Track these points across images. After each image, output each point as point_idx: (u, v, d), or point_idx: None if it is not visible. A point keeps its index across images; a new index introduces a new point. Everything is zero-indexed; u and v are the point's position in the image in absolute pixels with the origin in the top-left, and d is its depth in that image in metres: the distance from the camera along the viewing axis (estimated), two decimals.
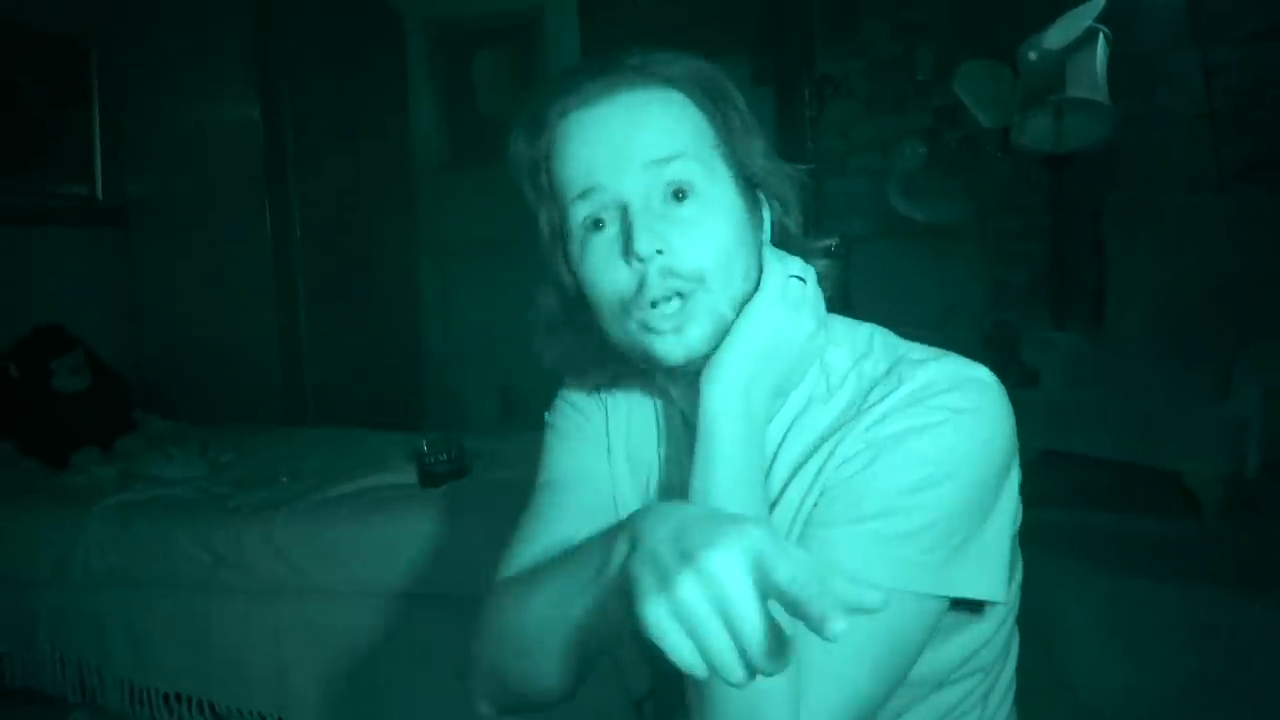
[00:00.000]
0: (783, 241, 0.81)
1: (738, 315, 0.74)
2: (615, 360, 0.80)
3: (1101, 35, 3.29)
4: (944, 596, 0.69)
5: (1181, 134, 3.77)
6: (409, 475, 2.21)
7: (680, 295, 0.72)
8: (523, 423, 1.28)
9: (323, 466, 2.36)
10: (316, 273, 3.41)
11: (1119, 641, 2.34)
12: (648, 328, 0.73)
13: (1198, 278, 3.46)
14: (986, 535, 0.71)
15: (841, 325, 0.82)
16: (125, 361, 3.05)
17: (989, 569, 0.71)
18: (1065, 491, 3.22)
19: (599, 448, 0.90)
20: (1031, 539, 0.86)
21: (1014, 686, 0.87)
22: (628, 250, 0.72)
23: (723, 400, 0.72)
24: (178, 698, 2.03)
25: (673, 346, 0.73)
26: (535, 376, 0.92)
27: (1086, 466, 3.30)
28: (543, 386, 0.99)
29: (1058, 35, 3.23)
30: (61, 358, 2.56)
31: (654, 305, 0.72)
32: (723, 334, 0.74)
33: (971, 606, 0.74)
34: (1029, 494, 0.78)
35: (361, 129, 3.83)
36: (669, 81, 0.76)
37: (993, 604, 0.73)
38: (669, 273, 0.72)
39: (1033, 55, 3.34)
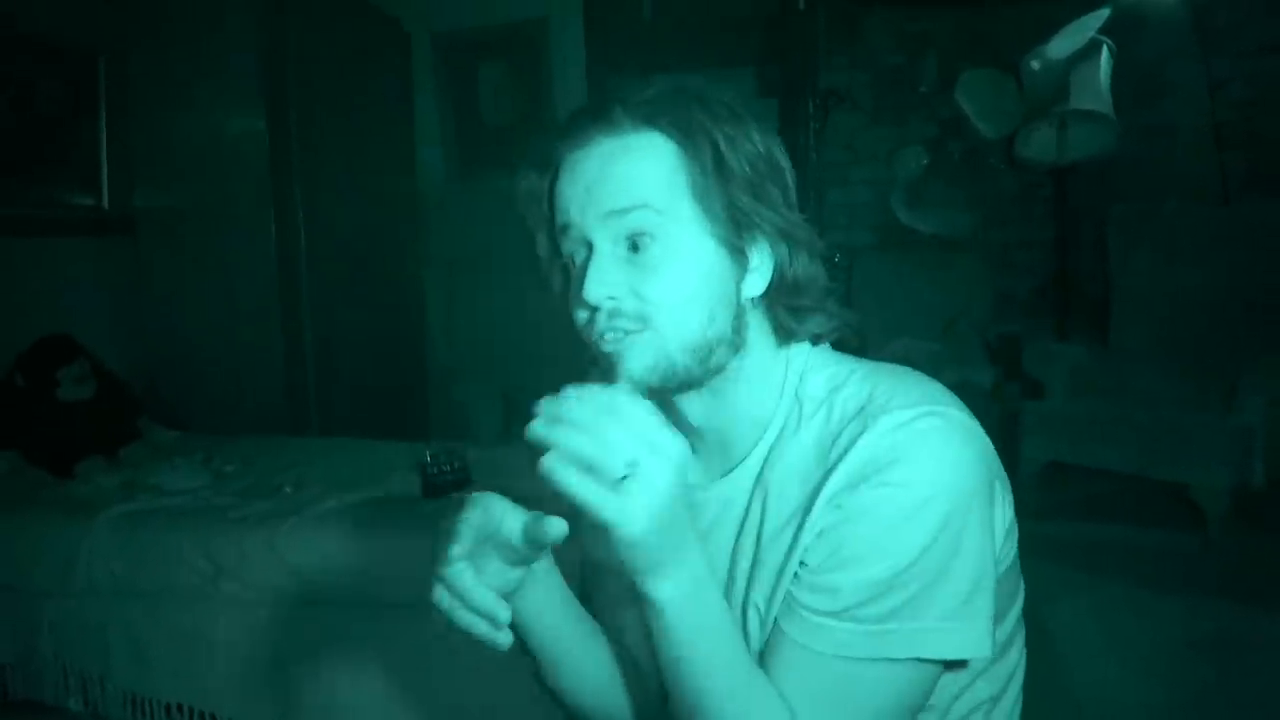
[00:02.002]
0: (784, 288, 0.80)
1: (693, 363, 0.76)
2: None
3: (1105, 47, 3.29)
4: (934, 661, 0.72)
5: (1186, 145, 3.75)
6: (412, 486, 2.21)
7: (626, 332, 0.76)
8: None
9: (326, 477, 2.36)
10: (321, 283, 3.41)
11: (1123, 653, 2.33)
12: (601, 351, 0.77)
13: (1202, 289, 3.46)
14: (965, 592, 0.71)
15: (824, 356, 0.83)
16: (131, 371, 3.06)
17: (973, 627, 0.71)
18: (1069, 504, 3.21)
19: None
20: (1036, 551, 0.85)
21: (1020, 702, 0.87)
22: (579, 293, 0.76)
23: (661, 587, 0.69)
24: (179, 708, 2.03)
25: (613, 371, 0.76)
26: (539, 387, 0.92)
27: (1091, 478, 3.28)
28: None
29: (1061, 46, 3.23)
30: (66, 367, 2.57)
31: (601, 336, 0.76)
32: (669, 374, 0.76)
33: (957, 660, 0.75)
34: (1034, 506, 0.78)
35: (367, 140, 3.84)
36: (652, 123, 0.76)
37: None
38: (616, 314, 0.75)
39: (1036, 66, 3.34)
